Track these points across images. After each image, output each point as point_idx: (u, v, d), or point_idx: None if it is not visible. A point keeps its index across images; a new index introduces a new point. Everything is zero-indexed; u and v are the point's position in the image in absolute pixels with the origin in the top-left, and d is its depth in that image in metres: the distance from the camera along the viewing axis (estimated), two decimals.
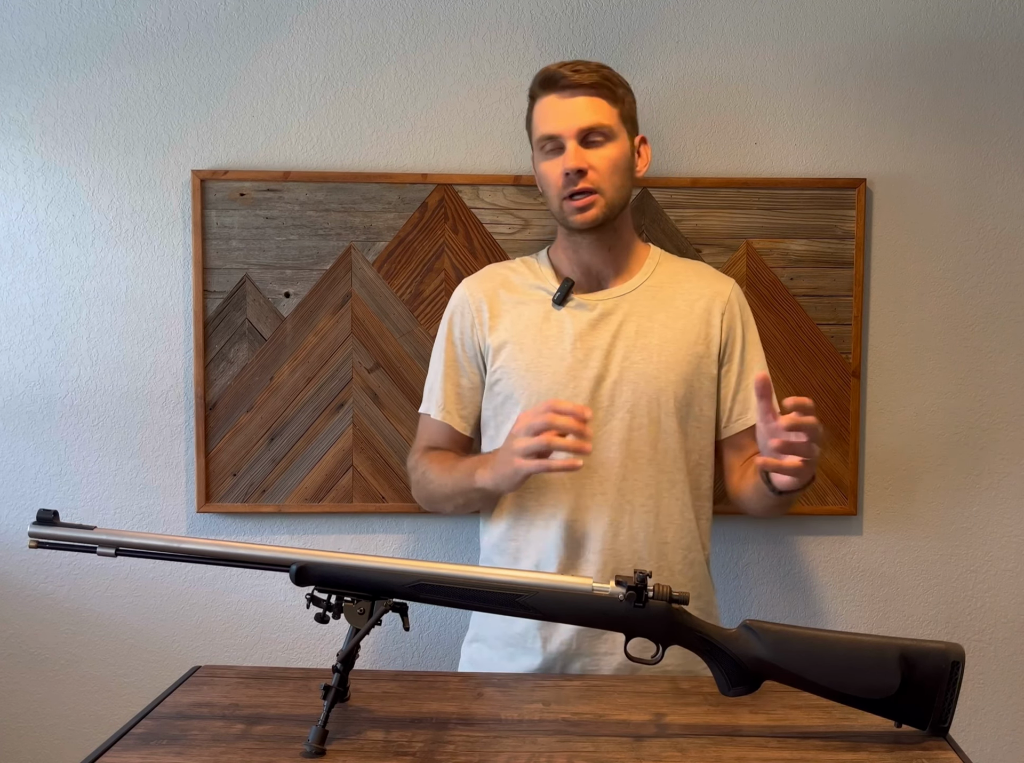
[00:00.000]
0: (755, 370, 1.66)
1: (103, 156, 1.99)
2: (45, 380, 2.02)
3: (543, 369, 1.60)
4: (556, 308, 1.63)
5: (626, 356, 1.60)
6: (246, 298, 1.99)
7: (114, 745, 1.16)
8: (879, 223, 2.01)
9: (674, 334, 1.62)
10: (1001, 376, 2.04)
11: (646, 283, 1.66)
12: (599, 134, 1.56)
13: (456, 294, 1.73)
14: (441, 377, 1.69)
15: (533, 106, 1.62)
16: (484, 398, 1.68)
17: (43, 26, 1.97)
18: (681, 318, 1.64)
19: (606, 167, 1.56)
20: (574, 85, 1.55)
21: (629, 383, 1.59)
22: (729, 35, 1.99)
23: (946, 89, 2.00)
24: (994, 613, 2.08)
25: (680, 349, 1.62)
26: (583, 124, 1.55)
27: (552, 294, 1.64)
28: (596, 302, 1.63)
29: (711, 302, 1.66)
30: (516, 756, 1.14)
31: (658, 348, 1.61)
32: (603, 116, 1.56)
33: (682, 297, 1.66)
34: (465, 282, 1.73)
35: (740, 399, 1.67)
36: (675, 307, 1.64)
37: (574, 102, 1.55)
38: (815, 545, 2.07)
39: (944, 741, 1.19)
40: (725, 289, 1.69)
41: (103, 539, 1.21)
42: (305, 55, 1.98)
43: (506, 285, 1.68)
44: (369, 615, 1.20)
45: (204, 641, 2.06)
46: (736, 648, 1.21)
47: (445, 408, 1.69)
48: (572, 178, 1.54)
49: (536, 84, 1.60)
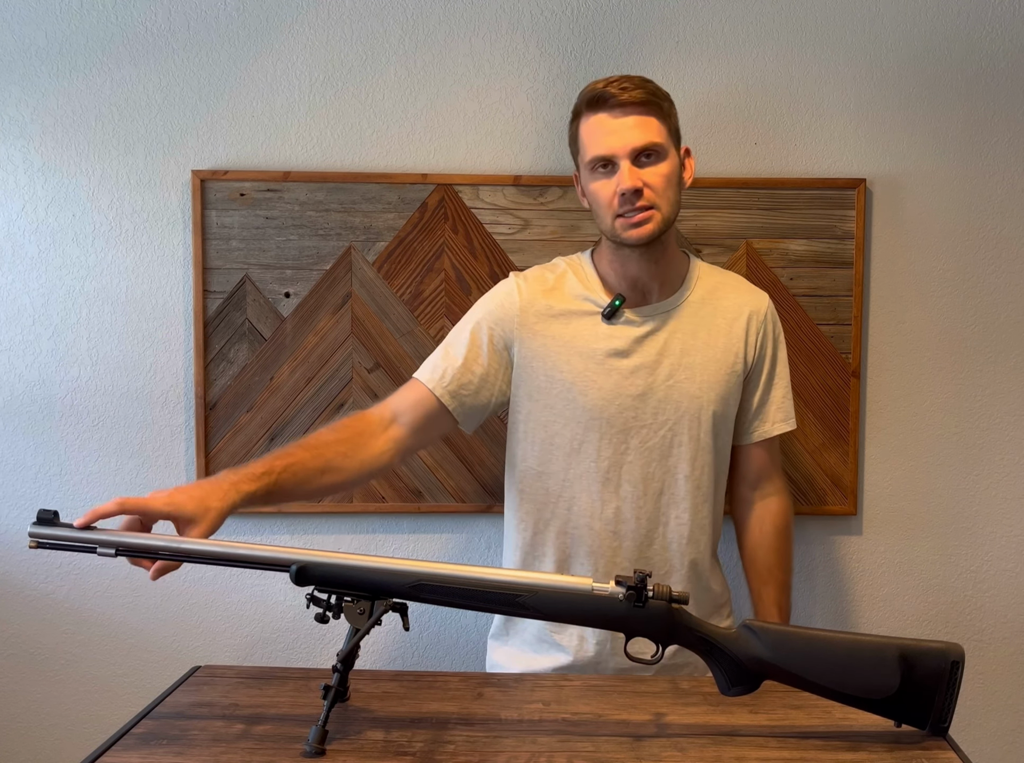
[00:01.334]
0: (780, 384, 1.72)
1: (103, 156, 1.99)
2: (45, 380, 2.02)
3: (589, 383, 1.60)
4: (605, 322, 1.62)
5: (671, 374, 1.62)
6: (246, 298, 1.99)
7: (114, 745, 1.16)
8: (879, 223, 2.01)
9: (715, 353, 1.64)
10: (1001, 376, 2.04)
11: (689, 299, 1.66)
12: (651, 151, 1.54)
13: (505, 286, 1.67)
14: (460, 356, 1.61)
15: (579, 124, 1.58)
16: (517, 402, 1.64)
17: (43, 26, 1.97)
18: (722, 337, 1.65)
19: (661, 184, 1.55)
20: (624, 104, 1.53)
21: (672, 401, 1.61)
22: (729, 35, 1.99)
23: (946, 89, 2.00)
24: (994, 613, 2.08)
25: (721, 369, 1.64)
26: (636, 143, 1.52)
27: (601, 308, 1.62)
28: (643, 319, 1.63)
29: (749, 320, 1.67)
30: (516, 756, 1.14)
31: (701, 367, 1.63)
32: (654, 134, 1.54)
33: (722, 315, 1.66)
34: (516, 279, 1.67)
35: (760, 412, 1.72)
36: (716, 325, 1.66)
37: (625, 122, 1.53)
38: (815, 545, 2.07)
39: (944, 741, 1.19)
40: (762, 306, 1.70)
41: (103, 539, 1.21)
42: (305, 55, 1.98)
43: (556, 292, 1.65)
44: (369, 615, 1.20)
45: (204, 641, 2.06)
46: (736, 648, 1.21)
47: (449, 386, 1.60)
48: (629, 198, 1.53)
49: (583, 103, 1.57)
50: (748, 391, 1.70)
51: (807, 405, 2.01)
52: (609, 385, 1.61)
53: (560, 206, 1.98)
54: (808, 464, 2.02)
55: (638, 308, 1.64)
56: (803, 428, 2.00)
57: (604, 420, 1.60)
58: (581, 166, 1.60)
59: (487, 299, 1.67)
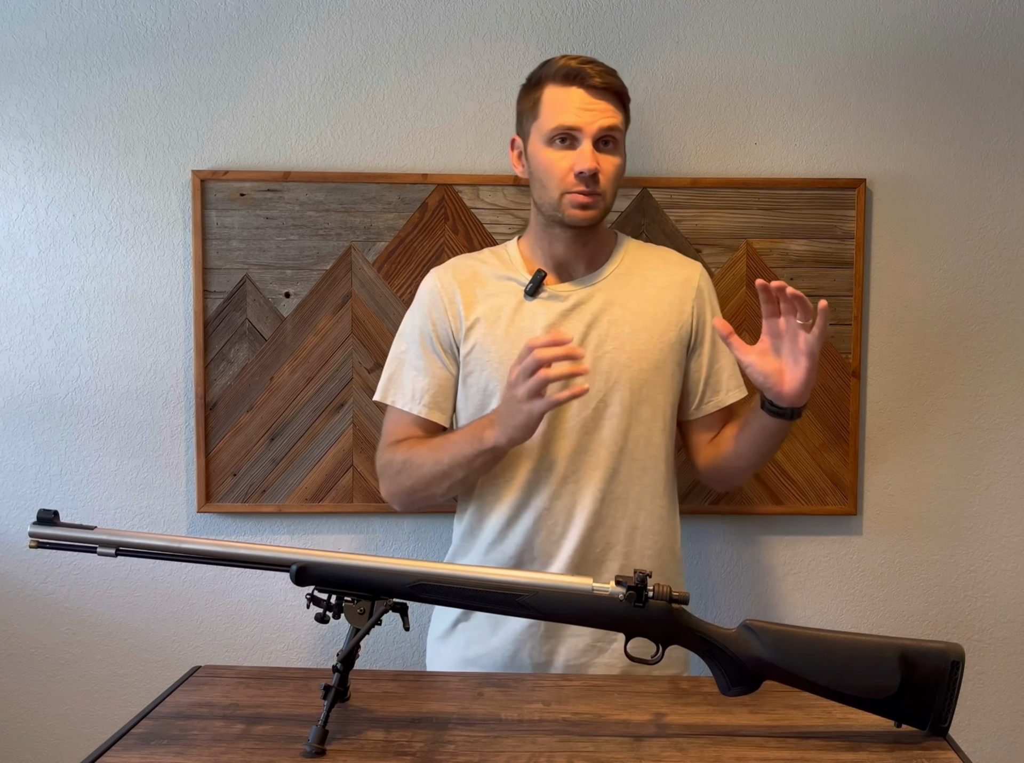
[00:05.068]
0: (725, 353, 1.68)
1: (103, 156, 1.99)
2: (45, 380, 2.02)
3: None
4: (528, 299, 1.62)
5: (599, 345, 1.60)
6: (246, 298, 1.99)
7: (114, 745, 1.16)
8: (879, 223, 2.02)
9: (646, 322, 1.63)
10: (1001, 376, 2.05)
11: (615, 272, 1.66)
12: (612, 139, 1.57)
13: (427, 284, 1.69)
14: (421, 370, 1.65)
15: (543, 91, 1.58)
16: (458, 391, 1.66)
17: (43, 26, 1.97)
18: (652, 305, 1.64)
19: (612, 173, 1.58)
20: (600, 87, 1.56)
21: (602, 373, 1.59)
22: (729, 35, 1.99)
23: (946, 89, 2.00)
24: (994, 613, 2.08)
25: (652, 337, 1.62)
26: (605, 124, 1.55)
27: (523, 285, 1.63)
28: (568, 292, 1.63)
29: (681, 289, 1.67)
30: (516, 756, 1.14)
31: (631, 337, 1.61)
32: (619, 122, 1.58)
33: (651, 284, 1.66)
34: (435, 272, 1.70)
35: (712, 382, 1.69)
36: (645, 294, 1.65)
37: (599, 103, 1.56)
38: (815, 545, 2.07)
39: (944, 741, 1.19)
40: (694, 275, 1.69)
41: (103, 539, 1.21)
42: (305, 55, 1.98)
43: (476, 276, 1.66)
44: (369, 615, 1.20)
45: (204, 641, 2.06)
46: (736, 648, 1.21)
47: (427, 403, 1.64)
48: (586, 178, 1.54)
49: (555, 73, 1.57)
50: (695, 364, 1.68)
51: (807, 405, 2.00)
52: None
53: None
54: (808, 464, 2.02)
55: (562, 283, 1.64)
56: (803, 428, 2.00)
57: None
58: (533, 132, 1.60)
59: (416, 302, 1.69)
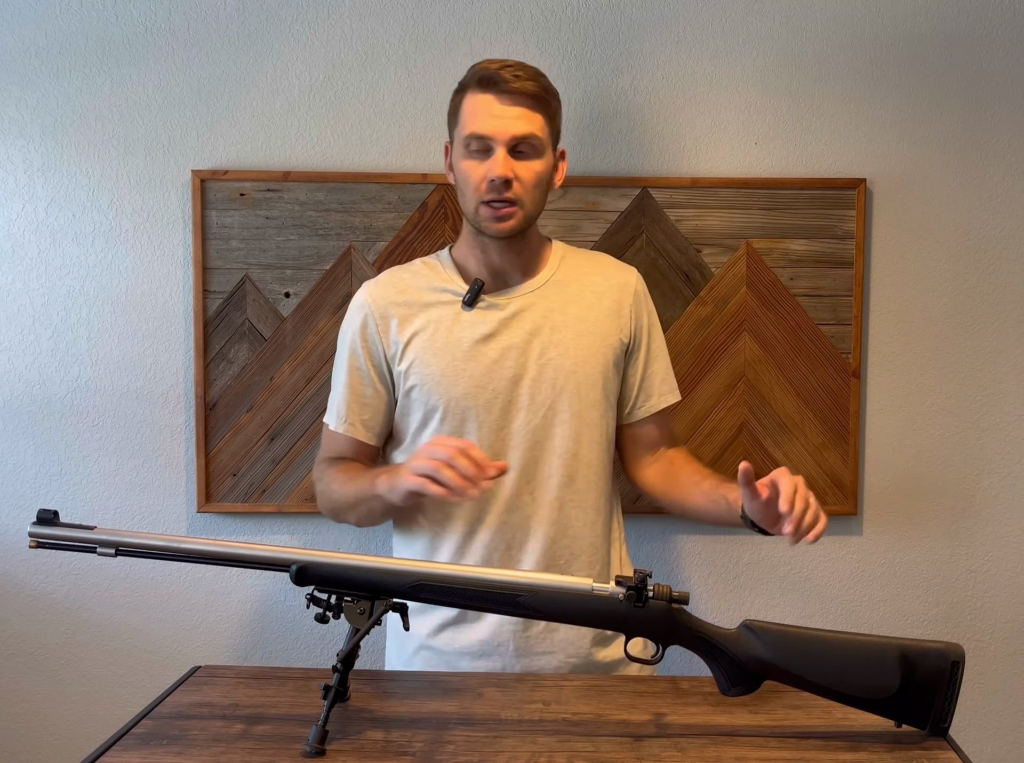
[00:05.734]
0: (659, 357, 1.69)
1: (103, 156, 1.99)
2: (45, 380, 2.02)
3: (459, 373, 1.56)
4: (466, 309, 1.59)
5: (543, 352, 1.58)
6: (246, 298, 1.99)
7: (114, 745, 1.16)
8: (879, 223, 2.02)
9: (587, 327, 1.61)
10: (1001, 376, 2.05)
11: (553, 278, 1.63)
12: (529, 146, 1.52)
13: (356, 300, 1.64)
14: (344, 386, 1.62)
15: (463, 98, 1.56)
16: (398, 406, 1.62)
17: (43, 26, 1.97)
18: (592, 310, 1.62)
19: (530, 180, 1.52)
20: (514, 92, 1.50)
21: (547, 380, 1.57)
22: (729, 35, 1.99)
23: (946, 89, 2.00)
24: (994, 613, 2.08)
25: (594, 341, 1.61)
26: (517, 132, 1.50)
27: (460, 296, 1.59)
28: (507, 301, 1.60)
29: (619, 293, 1.65)
30: (516, 756, 1.14)
31: (574, 342, 1.59)
32: (536, 128, 1.52)
33: (590, 290, 1.64)
34: (366, 287, 1.64)
35: (645, 387, 1.68)
36: (584, 300, 1.63)
37: (511, 110, 1.51)
38: (815, 545, 2.06)
39: (944, 741, 1.19)
40: (631, 280, 1.68)
41: (103, 539, 1.21)
42: (305, 55, 1.98)
43: (409, 290, 1.61)
44: (369, 615, 1.20)
45: (204, 641, 2.06)
46: (736, 648, 1.21)
47: (348, 420, 1.62)
48: (497, 186, 1.50)
49: (472, 79, 1.55)
50: (631, 368, 1.66)
51: (807, 405, 2.01)
52: (479, 372, 1.56)
53: (560, 206, 1.98)
54: (808, 464, 2.02)
55: (500, 291, 1.61)
56: (803, 428, 2.01)
57: (480, 408, 1.55)
58: (456, 140, 1.58)
59: (347, 320, 1.65)
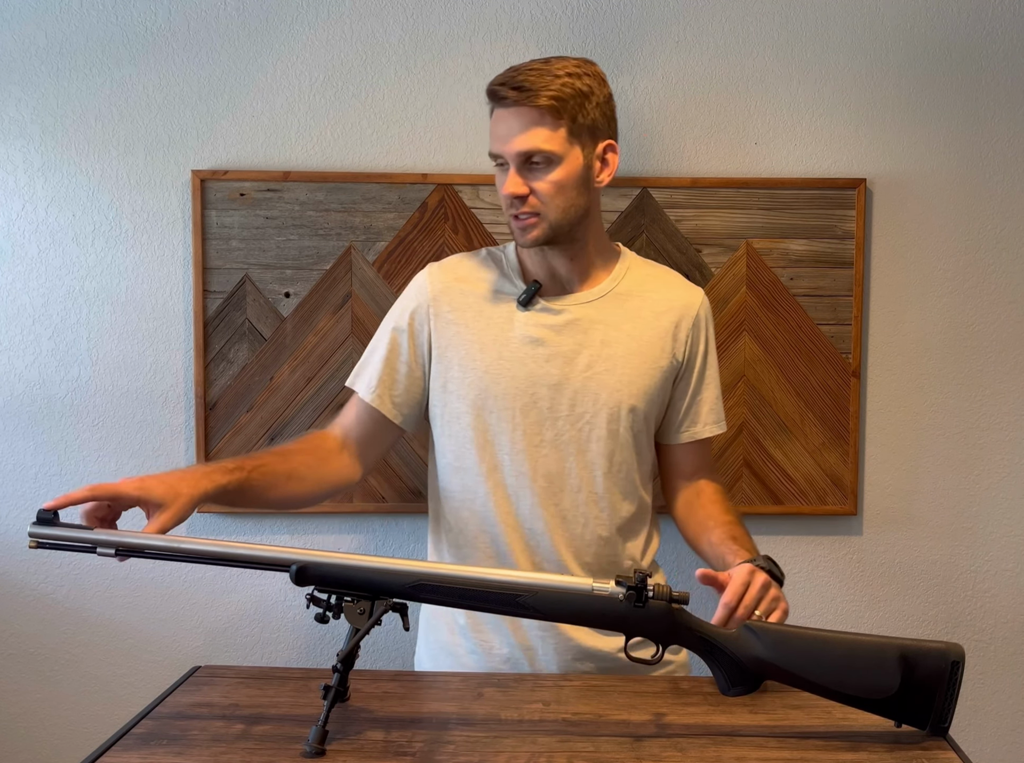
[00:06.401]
0: (710, 386, 1.65)
1: (103, 156, 1.99)
2: (45, 380, 2.02)
3: (502, 372, 1.55)
4: (520, 309, 1.57)
5: (589, 365, 1.55)
6: (246, 298, 1.99)
7: (114, 745, 1.16)
8: (879, 223, 2.02)
9: (640, 346, 1.57)
10: (1001, 376, 2.05)
11: (614, 290, 1.60)
12: (541, 157, 1.47)
13: (418, 280, 1.63)
14: (381, 358, 1.59)
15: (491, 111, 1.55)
16: (433, 394, 1.61)
17: (43, 26, 1.97)
18: (648, 330, 1.59)
19: (548, 191, 1.49)
20: (520, 105, 1.46)
21: (590, 393, 1.55)
22: (729, 35, 1.99)
23: (946, 89, 2.00)
24: (994, 613, 2.08)
25: (644, 362, 1.57)
26: (522, 149, 1.47)
27: (517, 295, 1.58)
28: (562, 307, 1.57)
29: (680, 314, 1.61)
30: (516, 756, 1.14)
31: (623, 359, 1.56)
32: (541, 141, 1.46)
33: (649, 307, 1.60)
34: (429, 269, 1.63)
35: (691, 413, 1.64)
36: (642, 318, 1.59)
37: (513, 125, 1.48)
38: (815, 545, 2.07)
39: (944, 741, 1.19)
40: (695, 302, 1.63)
41: (103, 539, 1.21)
42: (305, 55, 1.98)
43: (471, 279, 1.60)
44: (369, 615, 1.20)
45: (204, 641, 2.06)
46: (736, 648, 1.21)
47: (377, 391, 1.58)
48: (513, 202, 1.50)
49: (487, 94, 1.52)
50: (679, 390, 1.63)
51: (807, 405, 2.01)
52: (523, 374, 1.54)
53: None
54: (808, 464, 2.02)
55: (557, 297, 1.59)
56: (803, 428, 2.01)
57: (517, 410, 1.54)
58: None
59: (405, 295, 1.64)
